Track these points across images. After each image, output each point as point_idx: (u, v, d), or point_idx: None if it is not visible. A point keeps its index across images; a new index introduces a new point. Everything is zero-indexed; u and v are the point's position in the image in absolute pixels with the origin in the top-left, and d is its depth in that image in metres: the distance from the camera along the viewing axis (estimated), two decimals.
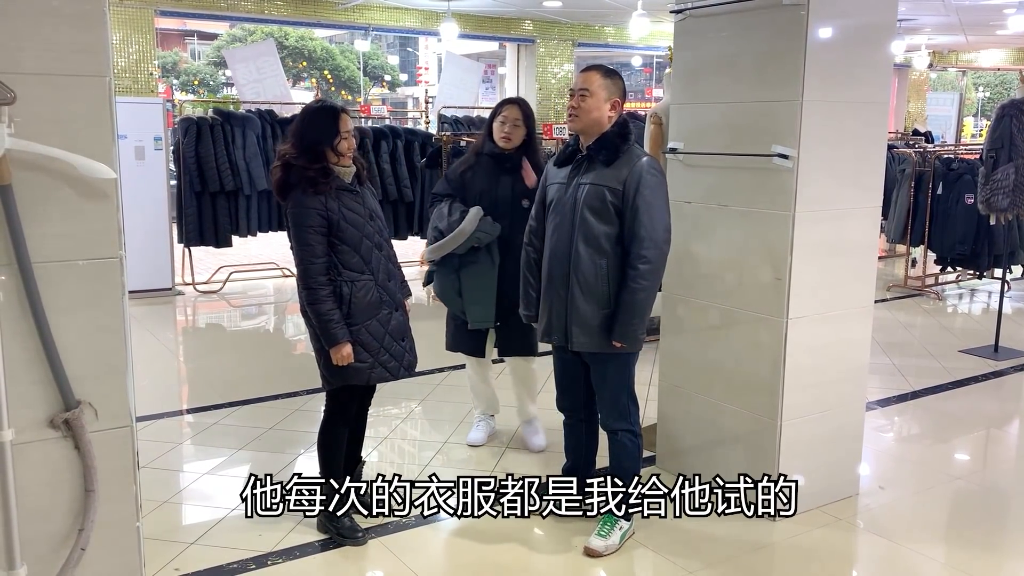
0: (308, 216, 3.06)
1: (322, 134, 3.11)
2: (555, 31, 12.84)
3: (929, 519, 3.62)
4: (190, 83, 25.68)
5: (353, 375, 3.17)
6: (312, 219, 3.06)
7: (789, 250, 3.30)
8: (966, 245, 7.87)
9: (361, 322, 3.14)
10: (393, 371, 3.24)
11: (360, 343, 3.14)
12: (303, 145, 3.11)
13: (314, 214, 3.05)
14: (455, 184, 3.96)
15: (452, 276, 3.88)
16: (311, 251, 3.07)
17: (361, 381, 3.20)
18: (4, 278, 2.12)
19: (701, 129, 3.64)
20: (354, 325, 3.12)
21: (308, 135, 3.12)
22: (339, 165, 3.15)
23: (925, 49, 15.14)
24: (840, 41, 3.30)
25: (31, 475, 2.21)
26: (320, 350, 3.18)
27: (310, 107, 3.24)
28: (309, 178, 3.06)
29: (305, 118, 3.18)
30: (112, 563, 2.33)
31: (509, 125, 3.85)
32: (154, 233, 7.63)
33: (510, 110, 3.89)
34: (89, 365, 2.24)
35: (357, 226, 3.13)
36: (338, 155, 3.13)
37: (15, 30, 2.07)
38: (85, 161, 2.14)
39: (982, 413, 4.99)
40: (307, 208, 3.06)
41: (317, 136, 3.11)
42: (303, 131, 3.14)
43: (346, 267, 3.12)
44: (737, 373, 3.55)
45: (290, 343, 7.04)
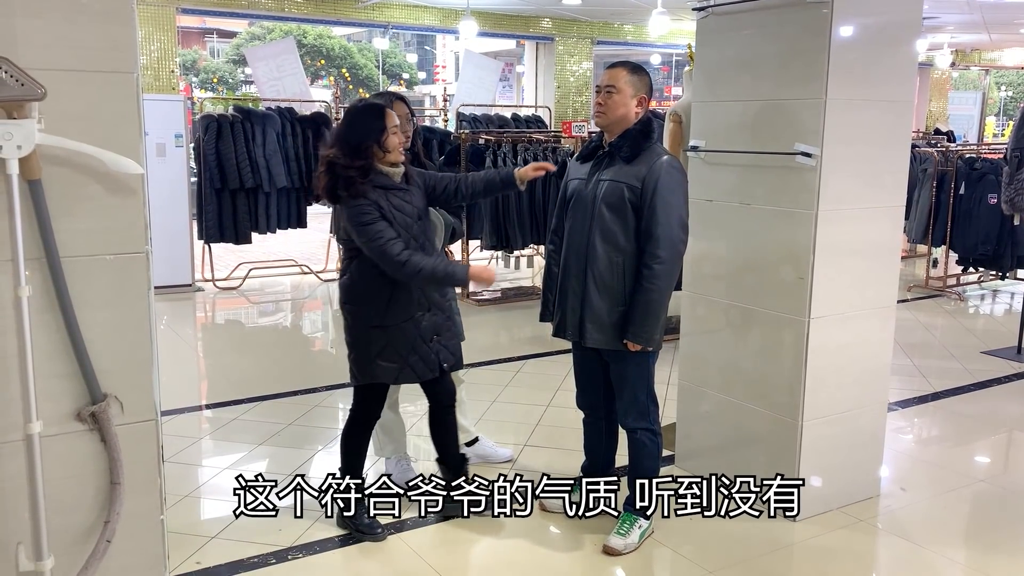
0: (363, 212, 3.03)
1: (366, 131, 3.08)
2: (574, 29, 12.81)
3: (950, 521, 3.60)
4: (209, 81, 25.84)
5: (381, 374, 3.19)
6: (368, 212, 3.03)
7: (811, 249, 3.28)
8: (989, 245, 7.79)
9: (395, 323, 3.14)
10: (421, 373, 3.23)
11: (391, 344, 3.15)
12: (348, 145, 3.07)
13: (367, 207, 3.03)
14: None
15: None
16: (381, 235, 3.01)
17: (388, 380, 3.22)
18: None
19: (723, 127, 3.63)
20: (388, 326, 3.13)
21: (351, 134, 3.09)
22: (385, 163, 3.12)
23: (947, 48, 14.99)
24: (864, 39, 3.28)
25: (58, 468, 2.23)
26: (352, 344, 3.20)
27: (354, 106, 3.21)
28: (347, 178, 3.03)
29: (348, 118, 3.15)
30: (137, 555, 2.35)
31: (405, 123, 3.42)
32: (174, 230, 7.69)
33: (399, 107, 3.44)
34: (115, 359, 2.26)
35: (405, 227, 3.11)
36: (385, 151, 3.10)
37: (44, 27, 2.09)
38: (113, 156, 2.15)
39: (1004, 415, 4.94)
40: (359, 205, 3.03)
41: (361, 134, 3.08)
42: (346, 131, 3.12)
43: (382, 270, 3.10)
44: (758, 373, 3.53)
45: (309, 339, 7.08)
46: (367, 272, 3.12)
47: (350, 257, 3.19)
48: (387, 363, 3.16)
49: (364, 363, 3.17)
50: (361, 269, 3.14)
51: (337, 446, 4.31)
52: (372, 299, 3.13)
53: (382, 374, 3.18)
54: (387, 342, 3.14)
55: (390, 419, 3.75)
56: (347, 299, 3.20)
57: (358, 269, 3.15)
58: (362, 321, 3.18)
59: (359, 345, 3.19)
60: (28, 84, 2.02)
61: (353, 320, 3.21)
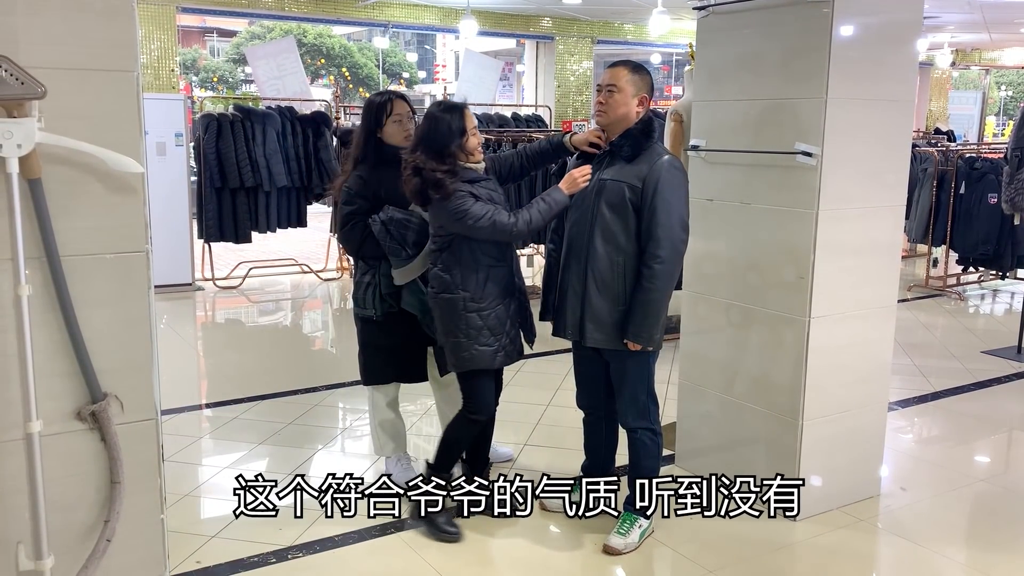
0: (460, 202, 3.06)
1: (449, 136, 3.11)
2: (574, 28, 12.80)
3: (950, 521, 3.59)
4: (209, 80, 25.84)
5: (480, 359, 3.21)
6: (464, 200, 3.07)
7: (812, 249, 3.28)
8: (989, 245, 7.79)
9: (491, 307, 3.19)
10: (511, 355, 3.29)
11: (487, 327, 3.18)
12: (431, 150, 3.10)
13: (461, 195, 3.07)
14: (370, 201, 3.45)
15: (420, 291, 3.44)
16: (484, 213, 3.06)
17: (487, 365, 3.23)
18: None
19: (724, 126, 3.63)
20: (484, 310, 3.17)
21: (435, 139, 3.11)
22: (469, 163, 3.17)
23: (948, 47, 14.99)
24: (865, 38, 3.27)
25: (58, 467, 2.23)
26: (448, 332, 3.21)
27: (434, 111, 3.20)
28: (436, 181, 3.06)
29: (431, 123, 3.15)
30: (137, 554, 2.35)
31: (407, 121, 3.50)
32: (174, 229, 7.69)
33: (400, 105, 3.50)
34: (115, 358, 2.26)
35: None
36: (467, 153, 3.15)
37: (45, 25, 2.09)
38: (113, 155, 2.16)
39: (1005, 415, 4.94)
40: (453, 199, 3.06)
41: (445, 139, 3.11)
42: (430, 135, 3.12)
43: (485, 254, 3.16)
44: (758, 372, 3.53)
45: (308, 339, 7.08)
46: (462, 258, 3.16)
47: (439, 248, 3.20)
48: (484, 347, 3.19)
49: (462, 350, 3.19)
50: (454, 257, 3.17)
51: (337, 446, 4.34)
52: (467, 283, 3.16)
53: (481, 359, 3.20)
54: (483, 325, 3.17)
55: (390, 418, 3.74)
56: (441, 288, 3.19)
57: (450, 257, 3.18)
58: (458, 307, 3.17)
59: (456, 332, 3.19)
60: (28, 83, 2.02)
61: (449, 308, 3.19)
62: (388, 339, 3.58)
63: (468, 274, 3.16)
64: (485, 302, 3.18)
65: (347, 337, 7.14)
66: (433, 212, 3.19)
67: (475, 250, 3.15)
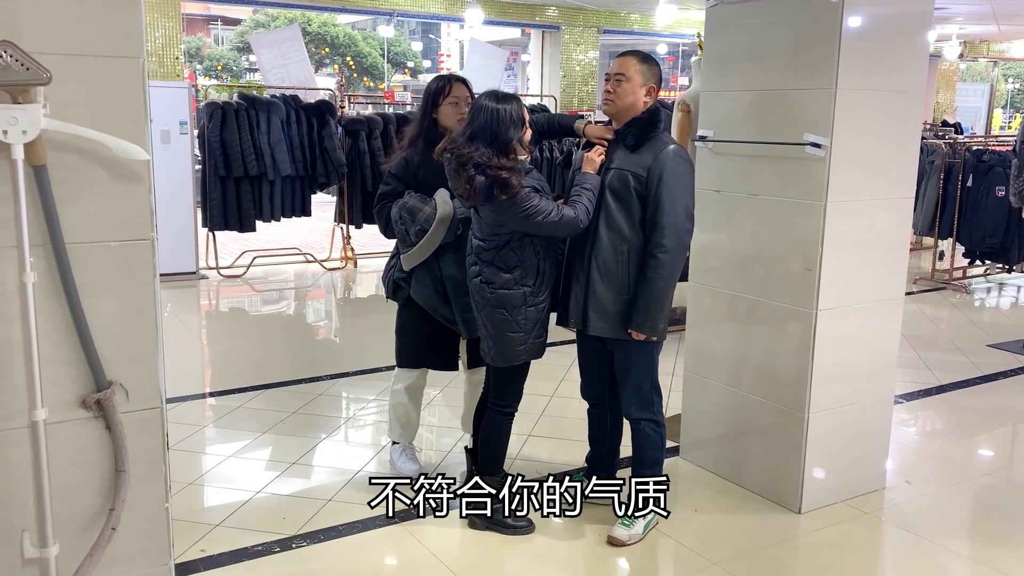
0: (526, 202, 2.96)
1: (512, 126, 2.97)
2: (580, 18, 12.75)
3: (955, 514, 3.59)
4: (213, 68, 25.80)
5: (532, 352, 3.18)
6: (529, 200, 2.96)
7: (820, 241, 3.26)
8: (996, 238, 7.76)
9: (545, 300, 3.16)
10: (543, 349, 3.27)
11: (540, 320, 3.16)
12: (494, 143, 2.94)
13: (526, 194, 2.96)
14: (409, 183, 3.47)
15: (437, 282, 3.44)
16: (548, 211, 2.97)
17: (536, 356, 3.21)
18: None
19: (732, 117, 3.60)
20: (541, 303, 3.15)
21: (497, 132, 2.95)
22: (522, 156, 3.09)
23: (956, 39, 14.90)
24: (875, 29, 3.25)
25: (62, 455, 2.22)
26: (505, 329, 3.13)
27: (487, 103, 2.98)
28: (503, 181, 2.92)
29: (487, 113, 2.96)
30: (141, 543, 2.35)
31: (463, 105, 3.40)
32: (179, 217, 7.68)
33: (459, 88, 3.45)
34: (120, 346, 2.25)
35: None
36: (526, 149, 3.07)
37: (50, 11, 2.08)
38: (119, 142, 2.14)
39: (1010, 409, 4.93)
40: (523, 197, 2.96)
41: (509, 133, 2.95)
42: (490, 128, 2.95)
43: (542, 247, 3.11)
44: (764, 364, 3.52)
45: (312, 328, 7.08)
46: (524, 253, 3.08)
47: (496, 247, 3.09)
48: (537, 340, 3.18)
49: (518, 344, 3.13)
50: (515, 254, 3.08)
51: (341, 435, 4.33)
52: (528, 277, 3.10)
53: (533, 351, 3.18)
54: (539, 318, 3.15)
55: (403, 403, 3.72)
56: (500, 284, 3.10)
57: (510, 254, 3.08)
58: (519, 302, 3.10)
59: (515, 327, 3.12)
60: (33, 68, 2.00)
61: (509, 304, 3.11)
62: (422, 325, 3.58)
63: (529, 269, 3.10)
64: (541, 295, 3.15)
65: (351, 326, 7.14)
66: (492, 211, 3.03)
67: (535, 244, 3.09)
